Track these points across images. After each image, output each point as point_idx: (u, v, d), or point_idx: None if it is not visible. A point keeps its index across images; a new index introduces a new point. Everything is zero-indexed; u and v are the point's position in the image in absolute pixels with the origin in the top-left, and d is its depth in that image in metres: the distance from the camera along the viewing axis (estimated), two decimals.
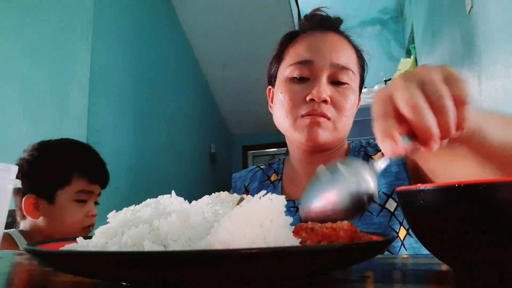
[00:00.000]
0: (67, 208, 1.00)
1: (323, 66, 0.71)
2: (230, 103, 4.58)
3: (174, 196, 0.42)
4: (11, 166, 0.46)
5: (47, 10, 1.84)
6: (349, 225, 0.35)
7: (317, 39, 0.75)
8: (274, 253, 0.25)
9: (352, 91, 0.73)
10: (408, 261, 0.45)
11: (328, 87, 0.70)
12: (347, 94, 0.72)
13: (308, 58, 0.72)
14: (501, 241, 0.26)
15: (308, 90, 0.70)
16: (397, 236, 0.67)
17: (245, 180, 0.90)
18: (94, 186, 1.05)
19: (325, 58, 0.72)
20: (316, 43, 0.74)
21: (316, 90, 0.69)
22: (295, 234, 0.34)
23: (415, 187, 0.29)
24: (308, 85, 0.71)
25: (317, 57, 0.72)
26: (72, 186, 1.01)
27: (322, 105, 0.69)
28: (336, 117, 0.71)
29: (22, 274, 0.44)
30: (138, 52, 2.76)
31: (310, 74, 0.72)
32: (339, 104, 0.71)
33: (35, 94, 1.75)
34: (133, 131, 2.63)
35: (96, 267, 0.27)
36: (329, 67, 0.71)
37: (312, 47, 0.73)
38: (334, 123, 0.70)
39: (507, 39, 1.33)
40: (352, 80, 0.73)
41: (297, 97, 0.72)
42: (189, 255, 0.24)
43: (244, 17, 3.44)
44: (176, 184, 3.21)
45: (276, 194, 0.73)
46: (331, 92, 0.70)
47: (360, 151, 0.80)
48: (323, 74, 0.71)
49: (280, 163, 0.90)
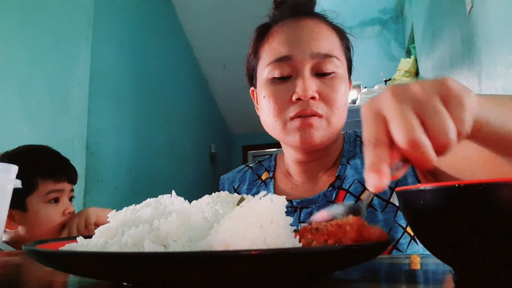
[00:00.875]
0: (41, 212, 1.01)
1: (303, 59, 0.64)
2: (230, 103, 4.58)
3: (174, 196, 0.42)
4: (11, 166, 0.46)
5: (47, 10, 1.84)
6: (355, 219, 0.33)
7: (291, 29, 0.67)
8: (274, 255, 0.25)
9: (341, 79, 0.66)
10: (408, 261, 0.45)
11: (313, 82, 0.64)
12: (335, 84, 0.65)
13: (285, 53, 0.66)
14: (501, 241, 0.25)
15: (292, 89, 0.64)
16: (405, 231, 0.63)
17: (233, 182, 0.86)
18: (62, 184, 1.06)
19: (304, 49, 0.65)
20: (291, 34, 0.67)
21: (300, 88, 0.63)
22: (301, 236, 0.33)
23: (415, 187, 0.29)
24: (291, 84, 0.65)
25: (295, 51, 0.65)
26: (40, 190, 1.01)
27: (310, 102, 0.63)
28: (328, 112, 0.65)
29: (22, 274, 0.44)
30: (138, 52, 2.76)
31: (291, 71, 0.66)
32: (328, 98, 0.64)
33: (35, 94, 1.75)
34: (133, 131, 2.63)
35: (96, 267, 0.27)
36: (310, 59, 0.64)
37: (287, 40, 0.66)
38: (327, 119, 0.65)
39: (507, 39, 1.33)
40: (338, 66, 0.66)
41: (282, 99, 0.66)
42: (189, 256, 0.24)
43: (244, 17, 3.43)
44: (176, 184, 3.21)
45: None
46: (317, 86, 0.64)
47: (356, 141, 0.75)
48: (305, 68, 0.64)
49: (271, 160, 0.85)
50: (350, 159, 0.72)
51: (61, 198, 1.05)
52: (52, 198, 1.03)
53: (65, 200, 1.07)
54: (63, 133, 1.91)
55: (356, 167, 0.71)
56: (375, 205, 0.66)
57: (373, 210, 0.65)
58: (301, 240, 0.33)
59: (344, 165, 0.72)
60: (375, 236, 0.33)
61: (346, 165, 0.72)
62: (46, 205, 1.02)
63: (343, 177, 0.70)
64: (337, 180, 0.70)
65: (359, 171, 0.69)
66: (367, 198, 0.40)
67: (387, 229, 0.63)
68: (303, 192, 0.74)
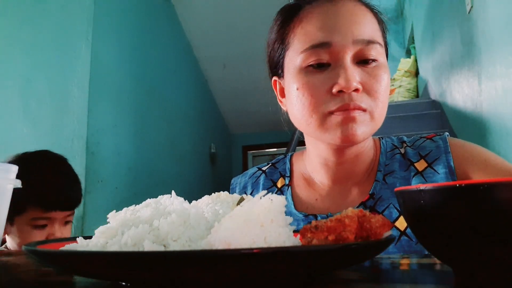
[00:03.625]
0: (24, 233, 0.99)
1: (345, 45, 0.57)
2: (230, 103, 4.58)
3: (174, 196, 0.42)
4: (11, 166, 0.46)
5: (47, 10, 1.84)
6: (355, 211, 0.33)
7: (330, 12, 0.59)
8: (274, 253, 0.25)
9: (384, 68, 0.60)
10: (408, 261, 0.45)
11: (356, 71, 0.57)
12: (379, 74, 0.58)
13: (324, 39, 0.57)
14: (501, 241, 0.25)
15: (332, 80, 0.57)
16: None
17: (246, 188, 0.77)
18: (52, 213, 1.01)
19: (346, 35, 0.57)
20: (330, 18, 0.58)
21: (343, 79, 0.55)
22: (301, 237, 0.33)
23: (415, 187, 0.29)
24: (330, 73, 0.57)
25: (335, 36, 0.57)
26: (27, 214, 0.99)
27: (353, 95, 0.56)
28: (372, 106, 0.57)
29: (22, 274, 0.44)
30: (138, 52, 2.76)
31: (330, 59, 0.58)
32: (373, 89, 0.57)
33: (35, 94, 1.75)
34: (133, 131, 2.63)
35: (96, 267, 0.27)
36: (352, 45, 0.57)
37: (326, 24, 0.58)
38: (370, 113, 0.57)
39: (507, 39, 1.33)
40: (380, 54, 0.59)
41: (320, 91, 0.57)
42: (189, 255, 0.25)
43: (244, 17, 3.44)
44: (176, 184, 3.21)
45: (291, 210, 0.64)
46: (360, 77, 0.57)
47: (394, 152, 0.67)
48: (347, 56, 0.57)
49: (286, 162, 0.76)
50: (387, 176, 0.64)
51: (49, 224, 1.01)
52: (38, 224, 1.00)
53: (55, 227, 1.02)
54: (63, 133, 1.91)
55: (394, 188, 0.61)
56: (409, 234, 0.59)
57: (408, 239, 0.59)
58: (302, 240, 0.33)
59: (380, 182, 0.64)
60: (378, 225, 0.32)
61: (382, 183, 0.64)
62: (30, 229, 0.99)
63: (378, 197, 0.62)
64: (370, 199, 0.63)
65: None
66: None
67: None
68: (330, 205, 0.66)
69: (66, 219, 1.05)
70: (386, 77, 0.59)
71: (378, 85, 0.58)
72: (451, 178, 0.60)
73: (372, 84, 0.58)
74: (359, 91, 0.56)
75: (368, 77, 0.58)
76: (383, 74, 0.59)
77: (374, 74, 0.58)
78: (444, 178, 0.60)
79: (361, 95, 0.57)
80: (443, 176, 0.60)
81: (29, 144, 1.12)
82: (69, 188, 1.05)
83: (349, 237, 0.31)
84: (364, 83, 0.57)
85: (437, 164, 0.62)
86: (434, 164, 0.62)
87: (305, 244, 0.32)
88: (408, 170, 0.64)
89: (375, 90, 0.58)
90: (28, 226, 0.99)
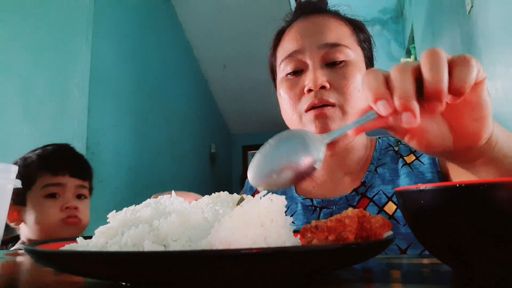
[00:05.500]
0: (37, 207, 0.97)
1: (311, 50, 0.67)
2: (230, 103, 4.58)
3: (174, 196, 0.42)
4: (11, 166, 0.46)
5: (47, 10, 1.84)
6: (355, 212, 0.33)
7: (301, 27, 0.71)
8: (274, 253, 0.25)
9: (353, 67, 0.67)
10: (408, 261, 0.45)
11: (323, 72, 0.65)
12: (346, 72, 0.66)
13: (294, 48, 0.68)
14: (501, 241, 0.26)
15: (304, 82, 0.66)
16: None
17: None
18: (61, 178, 0.99)
19: (312, 41, 0.67)
20: (300, 31, 0.70)
21: (309, 78, 0.65)
22: (301, 236, 0.33)
23: (415, 187, 0.29)
24: (303, 77, 0.67)
25: (303, 44, 0.68)
26: (37, 184, 0.98)
27: (321, 92, 0.64)
28: (341, 101, 0.65)
29: (22, 274, 0.44)
30: (138, 52, 2.76)
31: (302, 65, 0.68)
32: (340, 86, 0.65)
33: (35, 94, 1.75)
34: (133, 131, 2.63)
35: (96, 267, 0.27)
36: (318, 50, 0.66)
37: (296, 36, 0.69)
38: (340, 107, 0.65)
39: (507, 39, 1.33)
40: (349, 55, 0.67)
41: (295, 92, 0.68)
42: (189, 255, 0.25)
43: (244, 17, 3.43)
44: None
45: (292, 194, 0.69)
46: (328, 76, 0.65)
47: (388, 149, 0.74)
48: (314, 60, 0.66)
49: None
50: (378, 167, 0.71)
51: (61, 193, 0.99)
52: (49, 192, 0.98)
53: (66, 196, 1.00)
54: (63, 133, 1.91)
55: (384, 177, 0.69)
56: (398, 218, 0.63)
57: (395, 223, 0.63)
58: (302, 240, 0.33)
59: (372, 173, 0.70)
60: (378, 225, 0.32)
61: (373, 173, 0.70)
62: (42, 200, 0.97)
63: (369, 184, 0.69)
64: (361, 186, 0.69)
65: (386, 182, 0.68)
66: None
67: (407, 244, 0.61)
68: (325, 192, 0.73)
69: (79, 192, 1.04)
70: (356, 74, 0.67)
71: (346, 81, 0.65)
72: (435, 168, 0.66)
73: (339, 81, 0.65)
74: (326, 88, 0.65)
75: (336, 76, 0.66)
76: (351, 71, 0.66)
77: (342, 72, 0.66)
78: (429, 167, 0.67)
79: (329, 92, 0.65)
80: (428, 166, 0.67)
81: (29, 144, 1.12)
82: (77, 157, 1.08)
83: (349, 237, 0.31)
84: (332, 82, 0.65)
85: (423, 156, 0.69)
86: (421, 157, 0.69)
87: (305, 244, 0.32)
88: (397, 163, 0.71)
89: (342, 86, 0.65)
90: (41, 198, 0.98)
